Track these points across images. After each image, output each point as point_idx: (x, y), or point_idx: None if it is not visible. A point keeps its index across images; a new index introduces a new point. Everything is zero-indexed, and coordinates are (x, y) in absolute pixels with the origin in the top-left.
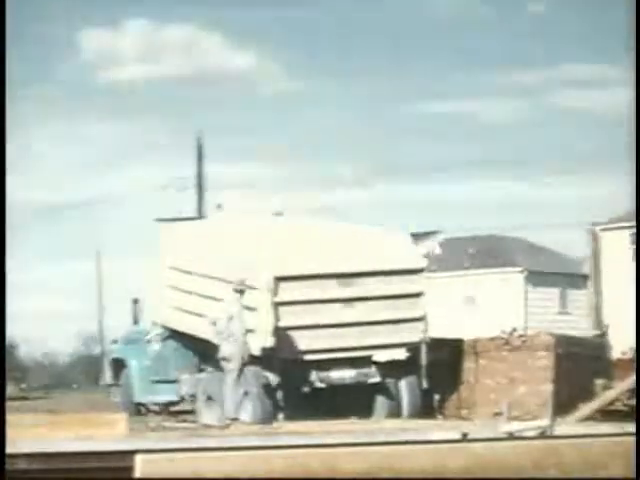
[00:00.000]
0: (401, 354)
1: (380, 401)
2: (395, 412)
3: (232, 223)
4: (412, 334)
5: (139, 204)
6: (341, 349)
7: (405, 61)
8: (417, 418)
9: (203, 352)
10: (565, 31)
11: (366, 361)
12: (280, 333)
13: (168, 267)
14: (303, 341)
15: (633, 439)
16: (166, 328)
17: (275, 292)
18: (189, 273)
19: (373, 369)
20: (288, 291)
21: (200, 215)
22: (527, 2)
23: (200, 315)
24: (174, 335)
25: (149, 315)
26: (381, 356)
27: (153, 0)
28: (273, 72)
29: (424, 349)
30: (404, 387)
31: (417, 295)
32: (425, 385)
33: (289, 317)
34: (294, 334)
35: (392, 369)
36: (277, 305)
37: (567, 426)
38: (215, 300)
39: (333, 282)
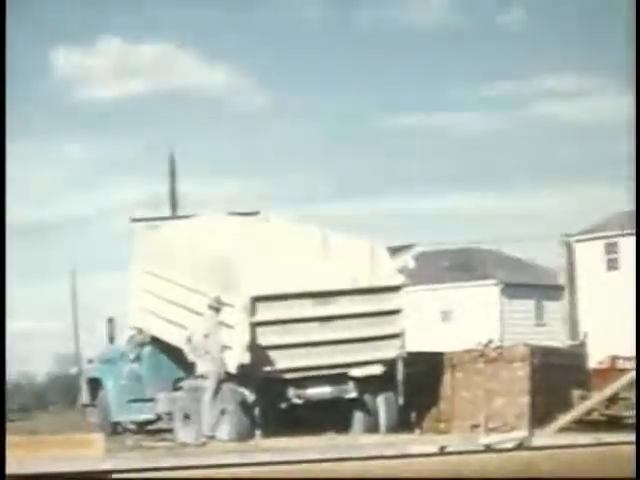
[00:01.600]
0: (377, 370)
1: (358, 416)
2: (373, 427)
3: (208, 227)
4: (389, 350)
5: (112, 222)
6: (318, 367)
7: (375, 75)
8: (395, 432)
9: (180, 359)
10: (535, 44)
11: (343, 377)
12: (257, 352)
13: (143, 271)
14: (281, 360)
15: (610, 448)
16: (140, 331)
17: (252, 312)
18: (164, 279)
19: (350, 385)
20: (265, 311)
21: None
22: (498, 14)
23: (176, 323)
24: (154, 342)
25: (124, 332)
26: (358, 372)
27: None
28: (243, 89)
29: (401, 365)
30: (382, 402)
31: (395, 312)
32: (402, 401)
33: (266, 336)
34: (272, 353)
35: (369, 384)
36: (254, 325)
37: (545, 437)
38: (189, 311)
39: (309, 301)
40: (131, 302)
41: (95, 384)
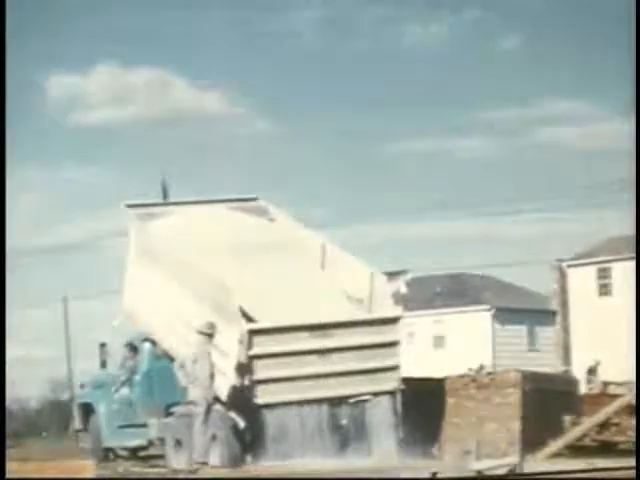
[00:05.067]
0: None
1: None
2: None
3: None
4: (388, 383)
5: (104, 249)
6: (315, 400)
7: (374, 99)
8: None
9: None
10: (534, 69)
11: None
12: (252, 384)
13: (138, 264)
14: (277, 392)
15: (602, 474)
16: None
17: (249, 345)
18: (155, 279)
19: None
20: (261, 344)
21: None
22: (498, 38)
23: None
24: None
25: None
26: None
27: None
28: (241, 113)
29: (399, 398)
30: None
31: (393, 344)
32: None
33: (263, 369)
34: (267, 386)
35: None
36: (251, 358)
37: (536, 463)
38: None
39: (306, 334)
40: (125, 298)
41: (87, 409)
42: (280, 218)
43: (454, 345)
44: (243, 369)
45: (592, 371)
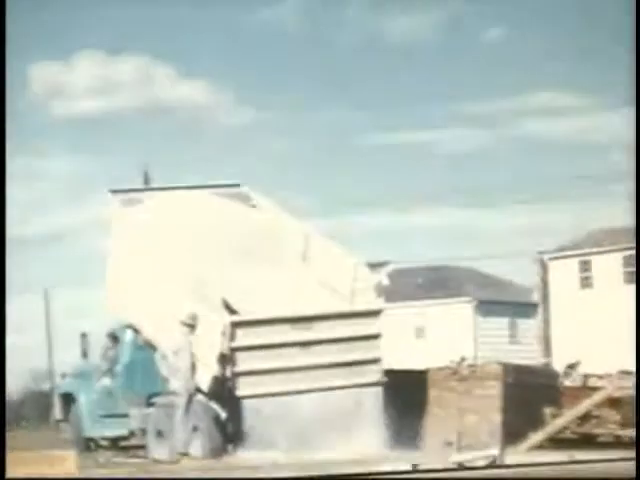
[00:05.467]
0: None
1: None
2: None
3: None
4: (370, 375)
5: (86, 239)
6: (298, 392)
7: (359, 92)
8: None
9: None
10: (518, 60)
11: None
12: (235, 375)
13: (120, 251)
14: (259, 385)
15: (583, 466)
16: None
17: (232, 337)
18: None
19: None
20: (244, 336)
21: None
22: (481, 30)
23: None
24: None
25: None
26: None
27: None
28: (225, 102)
29: (381, 390)
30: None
31: (375, 337)
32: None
33: (245, 361)
34: (249, 378)
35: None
36: (233, 350)
37: (517, 455)
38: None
39: (288, 326)
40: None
41: (68, 399)
42: (263, 205)
43: (435, 337)
44: (225, 361)
45: (572, 367)
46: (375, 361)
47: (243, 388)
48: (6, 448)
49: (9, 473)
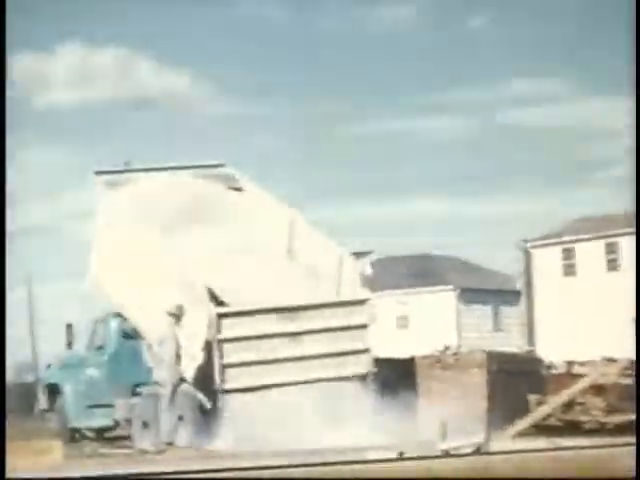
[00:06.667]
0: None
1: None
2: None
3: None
4: (359, 366)
5: (69, 231)
6: (286, 384)
7: (341, 81)
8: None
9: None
10: (497, 49)
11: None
12: (221, 367)
13: (105, 235)
14: (245, 376)
15: (568, 453)
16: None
17: (217, 328)
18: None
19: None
20: (230, 327)
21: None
22: (464, 17)
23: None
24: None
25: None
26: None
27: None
28: (208, 93)
29: (370, 380)
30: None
31: (362, 327)
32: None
33: (231, 353)
34: (236, 369)
35: None
36: (220, 341)
37: (502, 442)
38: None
39: (274, 317)
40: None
41: (53, 390)
42: (247, 187)
43: (419, 325)
44: (211, 352)
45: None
46: (364, 351)
47: (229, 379)
48: (6, 448)
49: None
